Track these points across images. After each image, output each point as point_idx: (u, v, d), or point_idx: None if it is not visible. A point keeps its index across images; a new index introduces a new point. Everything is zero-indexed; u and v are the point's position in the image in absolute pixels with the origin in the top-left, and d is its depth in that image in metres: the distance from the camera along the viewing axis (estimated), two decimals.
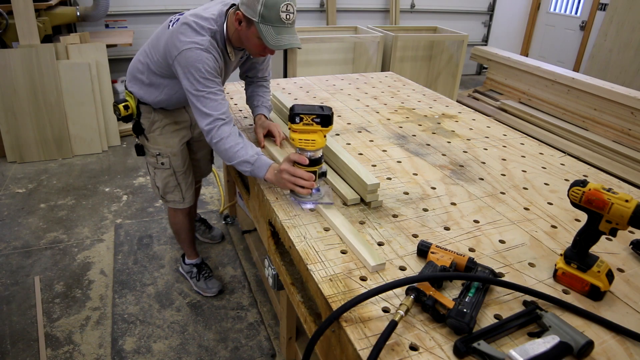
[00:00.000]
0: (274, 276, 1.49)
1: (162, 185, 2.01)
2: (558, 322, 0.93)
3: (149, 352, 1.99)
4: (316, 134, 1.34)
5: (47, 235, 2.75)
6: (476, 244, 1.25)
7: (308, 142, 1.34)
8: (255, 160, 1.48)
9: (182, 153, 1.98)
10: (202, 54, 1.50)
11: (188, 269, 2.37)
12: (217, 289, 2.30)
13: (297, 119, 1.32)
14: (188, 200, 2.09)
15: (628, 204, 0.96)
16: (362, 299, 0.96)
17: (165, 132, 1.91)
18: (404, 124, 2.13)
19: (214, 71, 1.53)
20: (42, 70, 3.46)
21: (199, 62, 1.49)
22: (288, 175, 1.37)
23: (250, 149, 1.51)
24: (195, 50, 1.50)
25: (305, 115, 1.31)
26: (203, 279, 2.32)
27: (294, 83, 2.71)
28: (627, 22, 5.13)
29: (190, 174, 2.07)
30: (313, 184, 1.37)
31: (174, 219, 2.20)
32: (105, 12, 4.10)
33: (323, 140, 1.35)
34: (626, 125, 3.89)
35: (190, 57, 1.50)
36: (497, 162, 1.78)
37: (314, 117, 1.32)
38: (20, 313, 2.16)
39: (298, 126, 1.33)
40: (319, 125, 1.33)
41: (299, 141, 1.34)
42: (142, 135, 1.91)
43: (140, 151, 1.98)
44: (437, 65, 4.90)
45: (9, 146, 3.59)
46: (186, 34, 1.52)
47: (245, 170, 1.50)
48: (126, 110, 1.81)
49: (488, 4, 6.50)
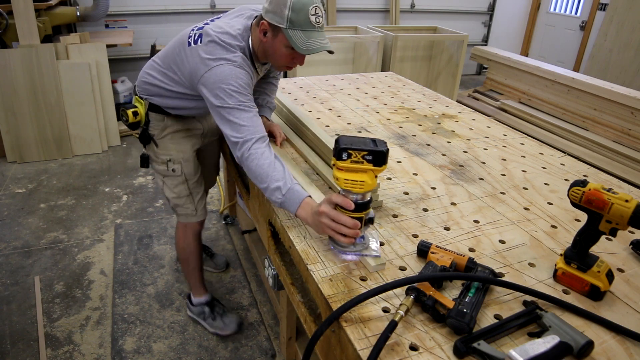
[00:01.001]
0: (274, 276, 1.49)
1: (172, 195, 1.86)
2: (558, 322, 0.93)
3: (149, 352, 1.99)
4: (366, 174, 1.11)
5: (47, 235, 2.75)
6: (476, 244, 1.25)
7: (356, 184, 1.11)
8: (288, 190, 1.26)
9: (194, 160, 1.86)
10: (235, 70, 1.39)
11: (198, 311, 2.10)
12: (237, 325, 2.07)
13: (345, 155, 1.09)
14: (200, 213, 1.93)
15: (628, 204, 0.96)
16: (362, 299, 0.96)
17: (176, 138, 1.81)
18: (404, 124, 2.13)
19: (247, 87, 1.41)
20: (42, 70, 3.46)
21: (232, 78, 1.38)
22: (328, 221, 1.14)
23: (286, 174, 1.30)
24: (227, 66, 1.39)
25: (355, 152, 1.09)
26: (219, 317, 2.08)
27: (294, 83, 2.71)
28: (627, 22, 5.13)
29: (202, 184, 1.94)
30: (358, 232, 1.13)
31: (184, 242, 1.97)
32: (105, 12, 4.10)
33: (374, 182, 1.12)
34: (626, 125, 3.89)
35: (222, 74, 1.38)
36: (497, 162, 1.78)
37: (366, 153, 1.08)
38: (20, 313, 2.16)
39: (345, 164, 1.09)
40: (371, 164, 1.10)
41: (345, 182, 1.11)
42: (151, 142, 1.78)
43: (145, 162, 1.83)
44: (437, 65, 4.90)
45: (9, 146, 3.59)
46: (215, 52, 1.41)
47: (275, 199, 1.29)
48: (135, 117, 1.70)
49: (488, 4, 6.50)
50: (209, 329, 2.09)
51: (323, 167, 1.60)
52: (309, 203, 1.24)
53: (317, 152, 1.71)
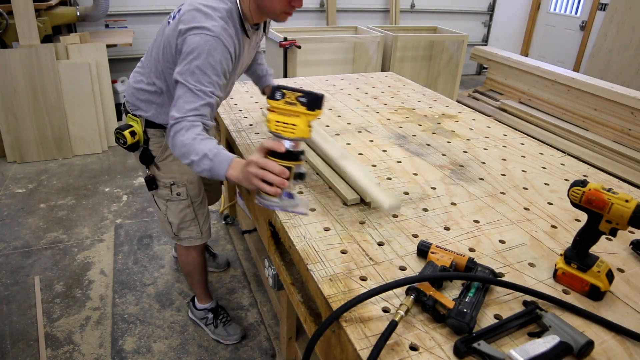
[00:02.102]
0: (274, 276, 1.49)
1: (177, 220, 1.74)
2: (558, 322, 0.93)
3: (149, 352, 1.99)
4: (299, 118, 1.06)
5: (47, 235, 2.75)
6: (476, 244, 1.25)
7: (287, 127, 1.06)
8: (216, 154, 1.18)
9: (198, 180, 1.74)
10: (210, 42, 1.26)
11: (201, 315, 2.08)
12: (240, 335, 2.04)
13: (278, 95, 1.06)
14: (206, 235, 1.85)
15: (628, 204, 0.96)
16: (362, 299, 0.96)
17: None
18: (404, 124, 2.13)
19: (219, 63, 1.29)
20: (42, 70, 3.46)
21: (204, 52, 1.26)
22: (255, 168, 1.07)
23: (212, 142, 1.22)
24: (203, 35, 1.26)
25: (289, 92, 1.06)
26: (222, 325, 2.04)
27: (294, 83, 2.71)
28: (627, 22, 5.13)
29: (206, 203, 1.84)
30: (285, 182, 1.08)
31: (187, 259, 1.90)
32: (105, 12, 4.11)
33: (306, 129, 1.07)
34: (626, 125, 3.89)
35: (195, 43, 1.26)
36: (497, 162, 1.78)
37: (300, 95, 1.06)
38: (20, 313, 2.16)
39: (278, 104, 1.06)
40: (305, 107, 1.05)
41: (276, 124, 1.07)
42: (152, 164, 1.65)
43: (152, 185, 1.68)
44: (437, 65, 4.90)
45: (9, 146, 3.59)
46: (195, 20, 1.29)
47: (204, 167, 1.20)
48: (133, 137, 1.54)
49: (488, 4, 6.50)
50: (210, 335, 2.08)
51: (323, 167, 1.60)
52: (238, 162, 1.17)
53: (317, 152, 1.71)
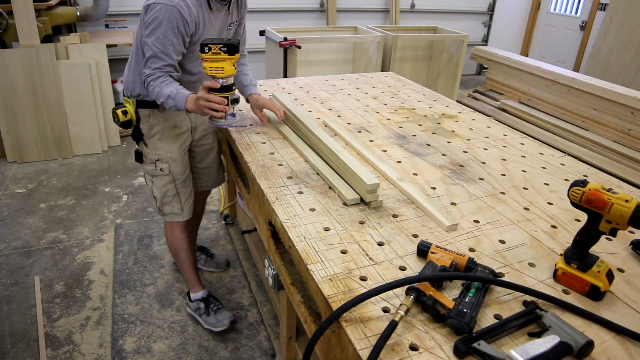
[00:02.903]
0: (274, 276, 1.49)
1: (160, 194, 1.93)
2: (558, 322, 0.93)
3: (149, 352, 1.99)
4: (225, 62, 1.50)
5: (47, 235, 2.75)
6: (476, 244, 1.25)
7: (218, 70, 1.51)
8: (176, 93, 1.59)
9: (182, 160, 1.92)
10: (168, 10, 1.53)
11: (195, 307, 2.15)
12: (229, 321, 2.08)
13: (206, 49, 1.47)
14: (187, 212, 2.01)
15: (628, 204, 0.96)
16: (362, 299, 0.96)
17: (164, 138, 1.86)
18: (404, 124, 2.13)
19: (176, 30, 1.57)
20: (42, 70, 3.46)
21: (164, 18, 1.54)
22: (203, 101, 1.53)
23: (173, 85, 1.61)
24: (163, 5, 1.53)
25: (213, 45, 1.47)
26: (213, 313, 2.11)
27: (294, 83, 2.71)
28: (627, 22, 5.13)
29: (189, 184, 2.00)
30: (225, 107, 1.55)
31: (171, 236, 2.07)
32: (105, 12, 4.10)
33: (232, 68, 1.53)
34: (626, 125, 3.89)
35: (157, 10, 1.54)
36: (497, 162, 1.78)
37: (221, 46, 1.47)
38: (20, 313, 2.16)
39: (207, 55, 1.48)
40: (226, 54, 1.48)
41: (210, 69, 1.51)
42: (141, 141, 1.86)
43: (139, 158, 1.91)
44: (437, 65, 4.90)
45: (9, 146, 3.59)
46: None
47: (171, 105, 1.60)
48: (125, 116, 1.78)
49: (488, 4, 6.50)
50: (203, 325, 2.12)
51: (323, 167, 1.60)
52: (192, 97, 1.59)
53: (317, 152, 1.71)
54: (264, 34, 4.30)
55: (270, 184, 1.52)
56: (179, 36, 1.59)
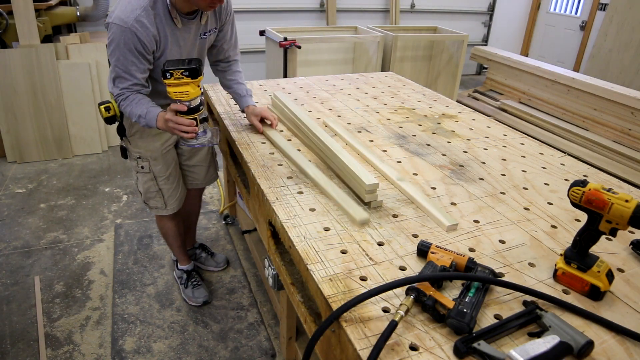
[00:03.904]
0: (274, 276, 1.49)
1: (143, 190, 1.98)
2: (558, 322, 0.93)
3: (149, 352, 1.99)
4: (188, 85, 1.46)
5: (47, 235, 2.75)
6: (476, 244, 1.25)
7: (183, 94, 1.48)
8: (146, 113, 1.59)
9: (163, 158, 1.93)
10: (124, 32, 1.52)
11: (179, 274, 2.34)
12: (203, 300, 2.24)
13: (168, 75, 1.44)
14: (171, 208, 2.06)
15: (628, 204, 0.96)
16: (362, 299, 0.96)
17: (145, 136, 1.86)
18: (404, 124, 2.13)
19: (134, 51, 1.55)
20: (42, 70, 3.46)
21: (121, 40, 1.53)
22: (172, 124, 1.53)
23: (144, 105, 1.61)
24: (118, 26, 1.52)
25: (175, 71, 1.43)
26: (191, 286, 2.28)
27: (294, 83, 2.71)
28: (627, 22, 5.13)
29: (175, 180, 2.02)
30: (195, 128, 1.54)
31: (160, 223, 2.19)
32: (105, 12, 4.10)
33: (197, 90, 1.50)
34: (626, 125, 3.89)
35: (114, 32, 1.54)
36: (497, 162, 1.78)
37: (183, 71, 1.44)
38: (20, 313, 2.16)
39: (170, 81, 1.45)
40: (189, 78, 1.45)
41: (174, 94, 1.48)
42: (125, 137, 1.88)
43: (124, 153, 1.94)
44: (437, 65, 4.90)
45: (9, 146, 3.59)
46: (120, 7, 1.54)
47: (143, 123, 1.62)
48: (107, 112, 1.79)
49: (488, 4, 6.50)
50: (182, 294, 2.31)
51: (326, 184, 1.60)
52: (162, 116, 1.58)
53: (317, 151, 1.71)
54: (264, 34, 4.30)
55: (270, 184, 1.52)
56: (139, 56, 1.57)
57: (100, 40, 3.85)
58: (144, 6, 1.52)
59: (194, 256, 2.51)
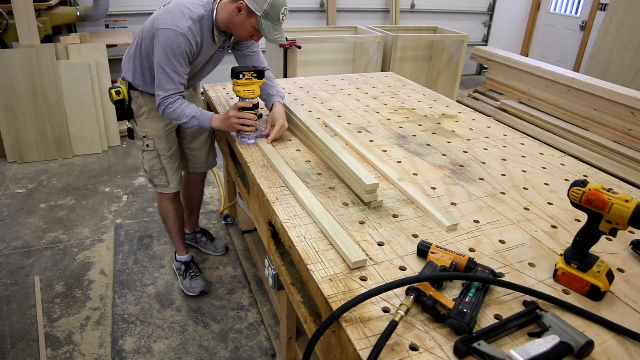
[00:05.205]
0: (274, 276, 1.49)
1: (148, 168, 2.11)
2: (558, 322, 0.93)
3: (149, 352, 1.99)
4: (254, 85, 1.77)
5: (47, 235, 2.75)
6: (476, 244, 1.25)
7: (250, 92, 1.77)
8: (200, 114, 1.81)
9: (167, 137, 2.06)
10: (178, 37, 1.71)
11: (177, 266, 2.40)
12: (200, 289, 2.30)
13: (241, 75, 1.74)
14: (173, 186, 2.16)
15: (628, 204, 0.96)
16: (362, 299, 0.96)
17: (151, 117, 2.00)
18: (404, 124, 2.13)
19: (184, 54, 1.75)
20: (42, 70, 3.46)
21: (174, 43, 1.71)
22: (236, 119, 1.77)
23: (193, 107, 1.81)
24: (173, 31, 1.71)
25: (246, 72, 1.74)
26: (189, 277, 2.33)
27: (294, 83, 2.71)
28: (627, 22, 5.13)
29: (176, 160, 2.14)
30: (255, 123, 1.80)
31: (161, 205, 2.26)
32: (105, 12, 4.10)
33: (259, 90, 1.81)
34: (626, 125, 3.89)
35: (168, 36, 1.71)
36: (497, 162, 1.78)
37: (253, 72, 1.75)
38: (20, 313, 2.16)
39: (242, 81, 1.74)
40: (256, 79, 1.76)
41: (243, 92, 1.76)
42: (132, 119, 2.04)
43: (130, 134, 2.10)
44: (437, 65, 4.89)
45: (9, 146, 3.59)
46: (173, 16, 1.73)
47: (195, 124, 1.82)
48: (117, 95, 1.95)
49: (488, 4, 6.50)
50: (180, 285, 2.35)
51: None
52: (217, 116, 1.83)
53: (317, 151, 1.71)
54: None
55: (270, 184, 1.52)
56: (186, 58, 1.78)
57: (101, 40, 3.85)
58: (194, 19, 1.74)
59: (195, 239, 2.64)
